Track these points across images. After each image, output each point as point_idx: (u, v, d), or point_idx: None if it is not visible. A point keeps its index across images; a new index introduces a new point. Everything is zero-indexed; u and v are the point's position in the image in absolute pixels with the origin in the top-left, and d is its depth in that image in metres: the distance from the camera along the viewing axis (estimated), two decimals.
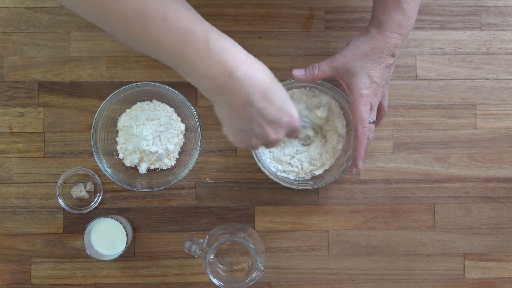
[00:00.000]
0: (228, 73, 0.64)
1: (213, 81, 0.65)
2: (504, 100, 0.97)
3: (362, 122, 0.84)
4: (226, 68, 0.64)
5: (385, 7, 0.82)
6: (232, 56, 0.65)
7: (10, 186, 0.94)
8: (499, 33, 0.97)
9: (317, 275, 0.95)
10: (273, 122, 0.69)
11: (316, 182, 0.92)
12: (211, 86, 0.65)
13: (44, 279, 0.94)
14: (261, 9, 0.97)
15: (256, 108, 0.67)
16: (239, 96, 0.65)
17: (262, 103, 0.67)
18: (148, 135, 0.90)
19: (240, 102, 0.66)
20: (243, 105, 0.66)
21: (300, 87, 0.92)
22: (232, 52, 0.65)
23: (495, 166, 0.96)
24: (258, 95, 0.66)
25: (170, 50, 0.64)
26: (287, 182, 0.91)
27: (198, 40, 0.64)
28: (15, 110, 0.95)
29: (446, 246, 0.96)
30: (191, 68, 0.65)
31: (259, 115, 0.68)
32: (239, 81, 0.65)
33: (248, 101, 0.66)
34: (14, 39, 0.95)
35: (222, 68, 0.64)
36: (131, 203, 0.95)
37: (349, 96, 0.85)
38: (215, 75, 0.64)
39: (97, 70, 0.95)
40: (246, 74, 0.65)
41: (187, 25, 0.63)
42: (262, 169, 0.90)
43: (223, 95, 0.66)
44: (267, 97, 0.67)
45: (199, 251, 0.83)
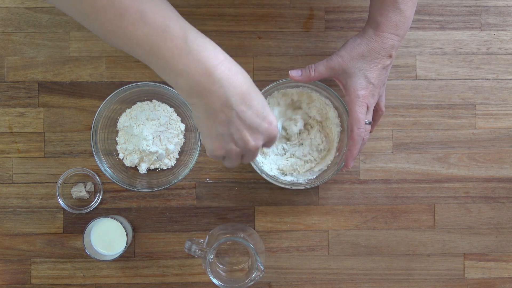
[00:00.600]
0: (206, 72, 0.63)
1: (191, 79, 0.63)
2: (504, 100, 0.97)
3: (358, 123, 0.84)
4: (204, 66, 0.63)
5: (382, 7, 0.82)
6: (211, 55, 0.64)
7: (10, 186, 0.94)
8: (499, 33, 0.97)
9: (317, 275, 0.95)
10: (252, 128, 0.67)
11: (310, 182, 0.92)
12: (188, 85, 0.64)
13: (44, 279, 0.94)
14: (261, 9, 0.97)
15: (235, 111, 0.65)
16: (217, 97, 0.64)
17: (241, 106, 0.65)
18: (148, 135, 0.90)
19: (218, 104, 0.64)
20: (222, 107, 0.64)
21: (295, 87, 0.92)
22: (211, 52, 0.64)
23: (495, 166, 0.96)
24: (237, 97, 0.65)
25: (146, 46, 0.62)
26: (280, 182, 0.91)
27: (176, 37, 0.62)
28: (15, 110, 0.95)
29: (446, 246, 0.96)
30: (168, 66, 0.63)
31: (238, 119, 0.66)
32: (218, 81, 0.63)
33: (227, 103, 0.64)
34: (14, 39, 0.95)
35: (200, 66, 0.63)
36: (131, 203, 0.95)
37: (345, 97, 0.85)
38: (193, 73, 0.63)
39: (97, 70, 0.95)
40: (225, 75, 0.64)
41: (164, 20, 0.62)
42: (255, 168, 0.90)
43: (200, 95, 0.64)
44: (246, 101, 0.65)
45: (199, 251, 0.83)
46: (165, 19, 0.63)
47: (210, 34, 0.95)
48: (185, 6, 0.96)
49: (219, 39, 0.95)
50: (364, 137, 0.85)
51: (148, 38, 0.62)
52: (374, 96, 0.84)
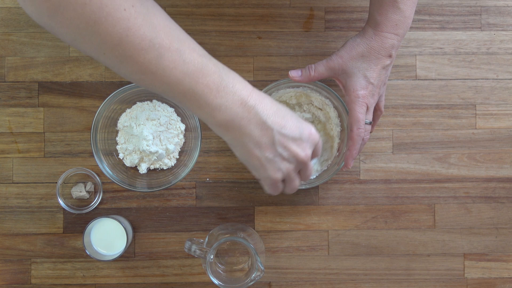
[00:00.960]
0: (242, 103, 0.66)
1: (228, 111, 0.66)
2: (504, 100, 0.97)
3: (358, 123, 0.84)
4: (239, 98, 0.66)
5: (381, 7, 0.82)
6: (242, 87, 0.67)
7: (10, 186, 0.94)
8: (499, 33, 0.97)
9: (317, 275, 0.95)
10: (296, 140, 0.70)
11: (309, 182, 0.91)
12: (226, 118, 0.66)
13: (44, 279, 0.94)
14: (261, 9, 0.97)
15: (275, 130, 0.68)
16: (255, 123, 0.67)
17: (279, 123, 0.69)
18: (148, 135, 0.90)
19: (258, 130, 0.68)
20: (262, 131, 0.68)
21: (295, 87, 0.92)
22: (242, 83, 0.68)
23: (495, 166, 0.96)
24: (272, 117, 0.68)
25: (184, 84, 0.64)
26: None
27: (213, 73, 0.65)
28: (15, 110, 0.95)
29: (446, 246, 0.96)
30: (205, 102, 0.65)
31: (281, 136, 0.69)
32: (252, 108, 0.67)
33: (266, 126, 0.68)
34: (14, 39, 0.95)
35: (235, 98, 0.66)
36: (131, 203, 0.95)
37: (345, 97, 0.85)
38: (230, 106, 0.66)
39: (97, 70, 0.95)
40: (257, 101, 0.67)
41: (201, 58, 0.65)
42: None
43: (238, 126, 0.67)
44: (280, 118, 0.69)
45: (199, 251, 0.83)
46: (201, 57, 0.65)
47: (210, 34, 0.96)
48: (185, 6, 0.96)
49: (219, 39, 0.95)
50: (364, 137, 0.85)
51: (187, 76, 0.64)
52: (374, 96, 0.84)
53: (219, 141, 0.95)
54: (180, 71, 0.63)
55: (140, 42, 0.61)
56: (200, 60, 0.65)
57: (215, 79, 0.65)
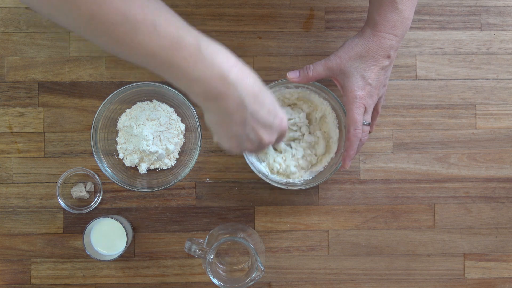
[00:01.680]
0: (221, 77, 0.64)
1: (206, 85, 0.64)
2: (504, 100, 0.97)
3: (355, 124, 0.83)
4: (218, 71, 0.64)
5: (380, 7, 0.81)
6: (223, 60, 0.65)
7: (10, 186, 0.94)
8: (499, 33, 0.97)
9: (317, 275, 0.95)
10: (266, 126, 0.69)
11: (306, 182, 0.91)
12: (204, 91, 0.65)
13: (44, 279, 0.94)
14: (261, 9, 0.97)
15: (249, 111, 0.67)
16: (232, 100, 0.65)
17: (254, 106, 0.67)
18: (148, 135, 0.90)
19: (233, 106, 0.66)
20: (237, 108, 0.66)
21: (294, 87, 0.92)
22: (223, 56, 0.65)
23: (495, 166, 0.96)
24: (250, 98, 0.66)
25: (160, 57, 0.63)
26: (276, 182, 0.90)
27: (190, 45, 0.63)
28: (15, 110, 0.95)
29: (446, 246, 0.96)
30: (182, 74, 0.64)
31: (253, 119, 0.68)
32: (232, 84, 0.65)
33: (242, 104, 0.66)
34: (14, 39, 0.95)
35: (214, 71, 0.64)
36: (131, 203, 0.95)
37: (343, 98, 0.85)
38: (208, 79, 0.64)
39: (97, 70, 0.95)
40: (238, 78, 0.65)
41: (177, 30, 0.63)
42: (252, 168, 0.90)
43: (215, 99, 0.65)
44: (258, 100, 0.67)
45: (199, 251, 0.83)
46: (178, 29, 0.63)
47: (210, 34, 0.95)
48: (185, 6, 0.96)
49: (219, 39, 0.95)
50: (361, 138, 0.85)
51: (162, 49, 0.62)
52: (373, 97, 0.84)
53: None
54: (155, 44, 0.62)
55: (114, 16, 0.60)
56: (177, 33, 0.62)
57: (193, 52, 0.63)
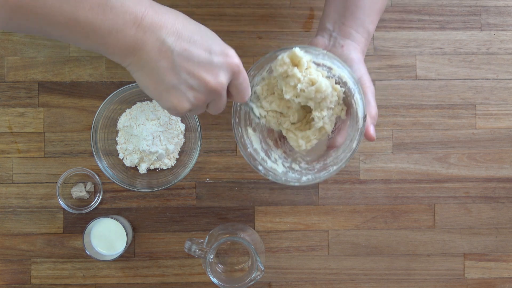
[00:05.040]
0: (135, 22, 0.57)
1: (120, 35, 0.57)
2: (504, 100, 0.97)
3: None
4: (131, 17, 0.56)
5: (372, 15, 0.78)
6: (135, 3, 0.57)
7: (10, 186, 0.94)
8: (499, 33, 0.97)
9: (317, 275, 0.95)
10: (205, 64, 0.60)
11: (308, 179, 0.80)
12: (119, 43, 0.57)
13: (44, 279, 0.94)
14: (261, 9, 0.97)
15: (175, 52, 0.58)
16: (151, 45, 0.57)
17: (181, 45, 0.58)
18: (148, 135, 0.90)
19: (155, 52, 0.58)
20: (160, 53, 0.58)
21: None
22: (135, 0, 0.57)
23: (495, 166, 0.96)
24: (173, 37, 0.58)
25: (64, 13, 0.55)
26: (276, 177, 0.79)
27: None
28: (15, 110, 0.95)
29: (446, 246, 0.96)
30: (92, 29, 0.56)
31: (183, 60, 0.59)
32: (148, 27, 0.57)
33: (164, 47, 0.58)
34: (14, 39, 0.95)
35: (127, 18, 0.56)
36: (131, 203, 0.95)
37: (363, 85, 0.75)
38: (121, 28, 0.56)
39: (97, 70, 0.95)
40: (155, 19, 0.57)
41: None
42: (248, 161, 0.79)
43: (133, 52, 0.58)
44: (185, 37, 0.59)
45: (199, 251, 0.83)
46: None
47: None
48: (185, 6, 0.96)
49: None
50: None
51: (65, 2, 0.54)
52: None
53: (219, 141, 0.95)
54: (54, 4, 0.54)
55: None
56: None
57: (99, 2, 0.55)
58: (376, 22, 0.79)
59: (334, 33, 0.77)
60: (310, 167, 0.78)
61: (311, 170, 0.77)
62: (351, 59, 0.75)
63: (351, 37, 0.76)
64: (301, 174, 0.77)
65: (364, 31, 0.77)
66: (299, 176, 0.76)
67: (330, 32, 0.77)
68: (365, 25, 0.77)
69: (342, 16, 0.77)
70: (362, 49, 0.77)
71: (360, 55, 0.76)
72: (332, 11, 0.78)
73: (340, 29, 0.77)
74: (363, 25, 0.77)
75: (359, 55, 0.76)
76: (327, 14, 0.79)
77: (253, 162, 0.75)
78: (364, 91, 0.73)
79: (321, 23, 0.79)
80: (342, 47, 0.76)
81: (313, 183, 0.77)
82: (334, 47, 0.76)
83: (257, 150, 0.77)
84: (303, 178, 0.75)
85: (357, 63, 0.75)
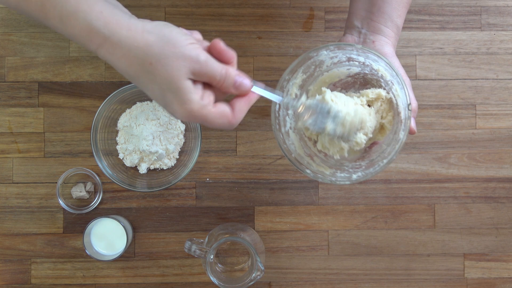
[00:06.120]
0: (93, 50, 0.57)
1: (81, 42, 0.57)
2: (504, 100, 0.97)
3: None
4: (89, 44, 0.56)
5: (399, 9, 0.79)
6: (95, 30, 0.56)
7: (10, 186, 0.94)
8: (499, 33, 0.97)
9: (317, 275, 0.95)
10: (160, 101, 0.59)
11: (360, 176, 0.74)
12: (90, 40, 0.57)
13: (44, 279, 0.94)
14: (261, 9, 0.97)
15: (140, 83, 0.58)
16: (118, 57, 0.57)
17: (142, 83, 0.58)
18: (148, 135, 0.90)
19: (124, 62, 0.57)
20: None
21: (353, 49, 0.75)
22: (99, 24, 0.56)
23: (495, 166, 0.96)
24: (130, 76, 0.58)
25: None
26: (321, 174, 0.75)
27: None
28: (15, 110, 0.95)
29: (446, 246, 0.96)
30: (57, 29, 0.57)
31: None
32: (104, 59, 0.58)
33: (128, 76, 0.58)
34: (14, 39, 0.95)
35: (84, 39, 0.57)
36: (131, 203, 0.95)
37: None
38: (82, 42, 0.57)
39: (97, 70, 0.95)
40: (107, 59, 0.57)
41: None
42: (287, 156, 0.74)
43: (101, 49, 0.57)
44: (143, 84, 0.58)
45: (199, 251, 0.83)
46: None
47: (210, 34, 0.96)
48: (185, 6, 0.96)
49: None
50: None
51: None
52: None
53: (219, 141, 0.95)
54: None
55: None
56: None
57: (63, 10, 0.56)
58: (404, 16, 0.79)
59: (363, 30, 0.78)
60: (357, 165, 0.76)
61: (358, 168, 0.75)
62: (383, 53, 0.75)
63: (381, 32, 0.77)
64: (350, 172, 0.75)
65: (393, 25, 0.78)
66: (348, 174, 0.74)
67: (359, 29, 0.78)
68: (394, 19, 0.78)
69: (370, 12, 0.77)
70: (393, 43, 0.78)
71: (392, 49, 0.77)
72: (359, 8, 0.79)
73: (369, 25, 0.77)
74: (392, 19, 0.78)
75: (391, 49, 0.76)
76: (354, 11, 0.79)
77: (300, 167, 0.74)
78: None
79: (348, 21, 0.80)
80: (373, 43, 0.76)
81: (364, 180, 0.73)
82: (364, 43, 0.77)
83: (300, 155, 0.76)
84: (354, 176, 0.73)
85: (390, 57, 0.75)
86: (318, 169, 0.76)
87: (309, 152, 0.77)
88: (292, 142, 0.76)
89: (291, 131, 0.76)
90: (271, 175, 0.95)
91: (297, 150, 0.76)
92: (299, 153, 0.76)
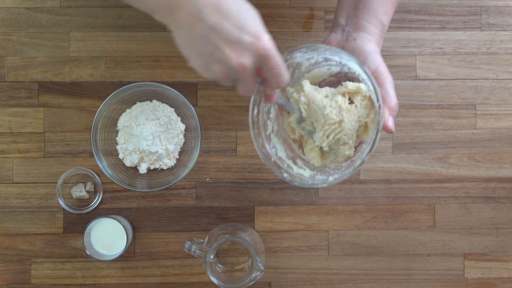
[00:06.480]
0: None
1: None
2: (504, 100, 0.97)
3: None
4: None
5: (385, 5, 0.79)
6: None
7: (10, 186, 0.94)
8: (499, 33, 0.97)
9: (317, 275, 0.95)
10: (232, 42, 0.59)
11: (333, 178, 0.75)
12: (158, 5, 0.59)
13: (44, 279, 0.94)
14: (261, 9, 0.96)
15: (207, 25, 0.58)
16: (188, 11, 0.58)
17: (214, 18, 0.58)
18: (148, 135, 0.90)
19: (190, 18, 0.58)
20: (194, 21, 0.58)
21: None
22: None
23: (495, 166, 0.96)
24: (209, 8, 0.58)
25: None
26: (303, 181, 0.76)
27: None
28: (15, 110, 0.95)
29: (446, 246, 0.96)
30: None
31: (213, 33, 0.58)
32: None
33: (198, 16, 0.58)
34: (14, 39, 0.95)
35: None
36: (131, 203, 0.95)
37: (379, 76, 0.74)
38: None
39: (97, 70, 0.95)
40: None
41: None
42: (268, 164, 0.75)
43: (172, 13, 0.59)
44: (221, 11, 0.58)
45: (199, 251, 0.83)
46: None
47: None
48: None
49: None
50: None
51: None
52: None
53: (219, 141, 0.95)
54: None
55: None
56: None
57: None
58: (391, 13, 0.78)
59: (347, 28, 0.76)
60: (338, 166, 0.77)
61: (338, 169, 0.76)
62: (365, 51, 0.74)
63: (365, 29, 0.75)
64: (328, 174, 0.75)
65: (377, 22, 0.76)
66: (326, 177, 0.75)
67: (343, 27, 0.77)
68: (378, 15, 0.76)
69: (355, 9, 0.76)
70: (377, 40, 0.76)
71: (375, 46, 0.75)
72: (344, 5, 0.78)
73: (353, 22, 0.76)
74: (376, 15, 0.76)
75: (373, 46, 0.75)
76: (340, 9, 0.78)
77: (278, 171, 0.74)
78: (382, 82, 0.72)
79: (334, 19, 0.79)
80: (355, 40, 0.75)
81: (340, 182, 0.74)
82: (347, 41, 0.76)
83: (281, 158, 0.77)
84: (330, 179, 0.74)
85: (372, 54, 0.74)
86: (298, 172, 0.76)
87: (292, 155, 0.78)
88: (273, 146, 0.77)
89: (273, 135, 0.77)
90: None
91: (278, 154, 0.77)
92: (280, 156, 0.77)
